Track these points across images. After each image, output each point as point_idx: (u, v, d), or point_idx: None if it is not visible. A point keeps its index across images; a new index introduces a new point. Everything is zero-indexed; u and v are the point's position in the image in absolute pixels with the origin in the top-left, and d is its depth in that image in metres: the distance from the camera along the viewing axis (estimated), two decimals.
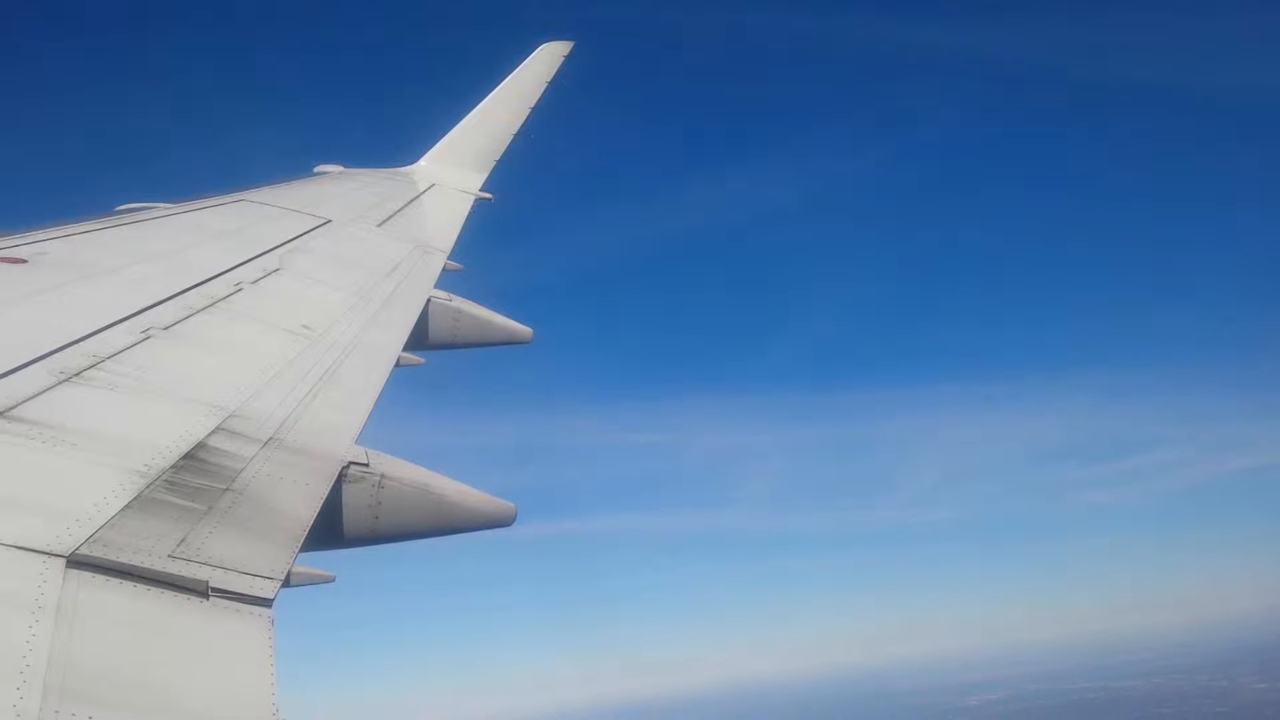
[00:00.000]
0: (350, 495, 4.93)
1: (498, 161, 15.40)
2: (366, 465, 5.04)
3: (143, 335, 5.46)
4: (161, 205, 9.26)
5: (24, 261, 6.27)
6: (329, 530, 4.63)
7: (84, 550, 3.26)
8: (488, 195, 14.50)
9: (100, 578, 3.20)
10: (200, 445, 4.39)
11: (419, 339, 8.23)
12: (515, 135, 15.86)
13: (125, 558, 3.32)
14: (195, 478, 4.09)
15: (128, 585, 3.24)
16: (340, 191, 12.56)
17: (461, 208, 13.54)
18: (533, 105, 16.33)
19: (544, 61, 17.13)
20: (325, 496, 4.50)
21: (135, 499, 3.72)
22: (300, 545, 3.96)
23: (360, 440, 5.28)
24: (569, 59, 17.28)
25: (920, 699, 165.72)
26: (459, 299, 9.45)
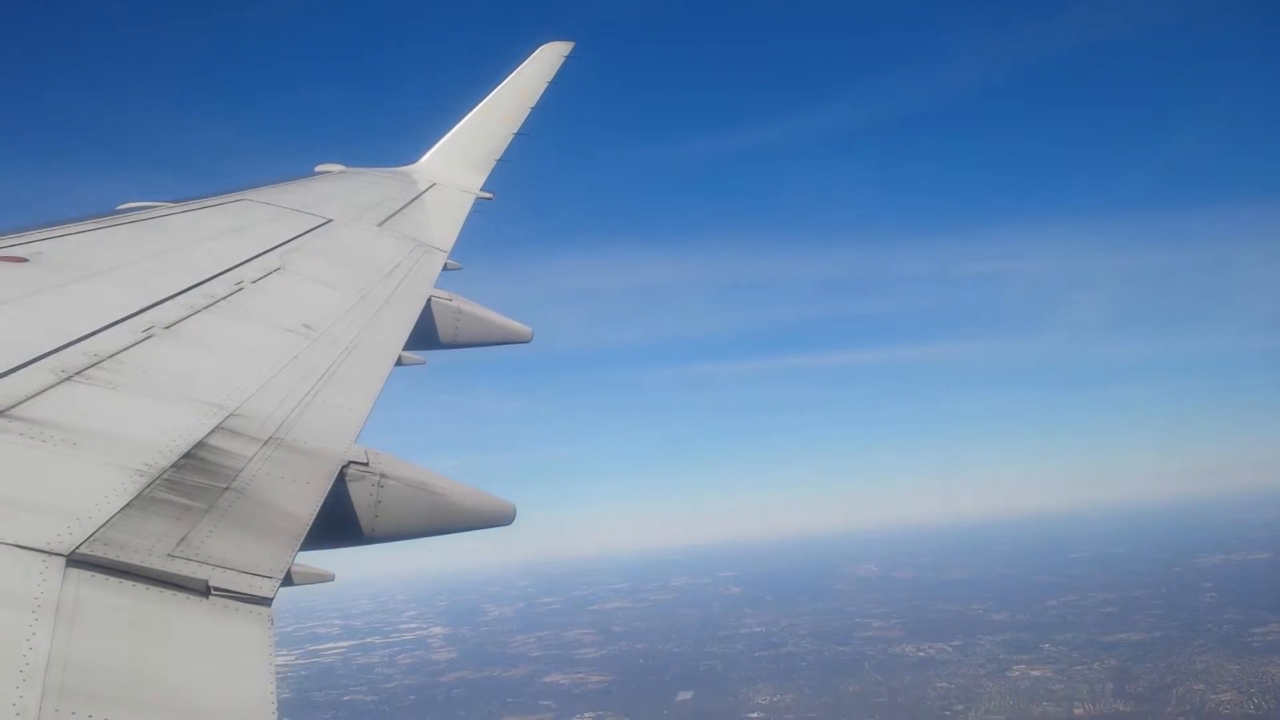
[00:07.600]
0: (350, 494, 4.94)
1: (498, 161, 15.43)
2: (366, 464, 5.04)
3: (144, 334, 5.46)
4: (163, 204, 9.25)
5: (25, 261, 6.27)
6: (329, 529, 4.62)
7: (84, 549, 3.26)
8: (488, 195, 14.51)
9: (100, 577, 3.20)
10: (200, 444, 4.39)
11: (420, 338, 8.23)
12: (515, 135, 15.90)
13: (125, 557, 3.32)
14: (195, 477, 4.09)
15: (128, 584, 3.24)
16: (341, 191, 12.55)
17: (462, 207, 13.55)
18: (533, 105, 16.38)
19: (545, 62, 17.17)
20: (325, 496, 4.50)
21: (135, 498, 3.72)
22: (300, 544, 3.96)
23: (360, 439, 5.27)
24: (570, 59, 17.33)
25: (1246, 531, 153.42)
26: (459, 298, 9.46)
